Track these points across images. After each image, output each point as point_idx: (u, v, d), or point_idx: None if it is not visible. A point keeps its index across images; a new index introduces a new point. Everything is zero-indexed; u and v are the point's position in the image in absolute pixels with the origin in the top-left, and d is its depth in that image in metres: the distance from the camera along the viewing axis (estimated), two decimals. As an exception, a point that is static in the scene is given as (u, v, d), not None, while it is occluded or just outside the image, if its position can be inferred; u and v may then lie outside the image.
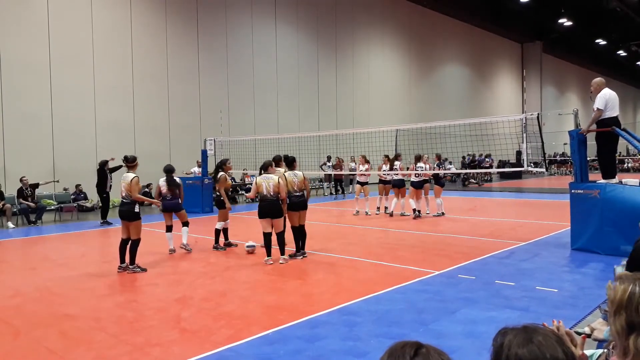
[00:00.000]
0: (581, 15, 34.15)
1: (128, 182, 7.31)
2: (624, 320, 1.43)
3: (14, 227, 12.50)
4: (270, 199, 7.61)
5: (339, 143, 19.15)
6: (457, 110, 31.71)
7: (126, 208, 7.28)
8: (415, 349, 1.10)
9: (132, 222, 7.29)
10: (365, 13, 27.20)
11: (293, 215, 7.96)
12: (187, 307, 5.47)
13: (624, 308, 1.44)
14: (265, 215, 7.64)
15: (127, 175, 7.45)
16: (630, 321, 1.42)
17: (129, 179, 7.33)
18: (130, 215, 7.26)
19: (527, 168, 9.99)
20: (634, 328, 1.41)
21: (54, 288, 6.41)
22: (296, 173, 8.01)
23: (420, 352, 1.10)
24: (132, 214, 7.26)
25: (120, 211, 7.40)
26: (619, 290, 1.47)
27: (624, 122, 8.48)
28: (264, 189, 7.60)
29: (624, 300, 1.44)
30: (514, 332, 1.19)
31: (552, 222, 11.37)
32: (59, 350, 4.32)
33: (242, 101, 21.24)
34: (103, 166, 13.02)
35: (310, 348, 4.20)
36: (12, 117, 15.02)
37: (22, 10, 15.19)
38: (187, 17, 19.44)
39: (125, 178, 7.39)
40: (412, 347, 1.10)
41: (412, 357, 1.09)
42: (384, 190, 13.80)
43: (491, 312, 5.02)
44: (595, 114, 7.84)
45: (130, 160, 7.68)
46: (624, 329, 1.43)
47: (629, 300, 1.44)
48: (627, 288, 1.46)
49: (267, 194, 7.60)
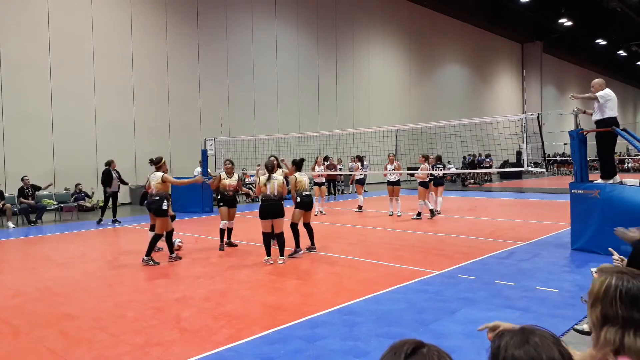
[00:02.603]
0: (581, 15, 34.16)
1: (157, 182, 7.89)
2: (599, 312, 1.47)
3: (14, 227, 12.51)
4: (273, 199, 7.64)
5: (339, 143, 19.16)
6: (457, 110, 31.71)
7: (155, 206, 7.84)
8: (413, 348, 1.10)
9: (158, 217, 7.81)
10: (365, 13, 27.20)
11: (306, 214, 8.35)
12: (187, 306, 5.47)
13: (600, 300, 1.48)
14: (267, 215, 7.66)
15: (155, 174, 8.00)
16: (605, 313, 1.45)
17: (157, 178, 7.90)
18: (158, 211, 7.79)
19: (527, 168, 9.99)
20: (608, 320, 1.44)
21: (54, 288, 6.41)
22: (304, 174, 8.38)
23: (418, 351, 1.10)
24: (160, 210, 7.77)
25: (150, 208, 8.00)
26: (596, 283, 1.51)
27: (624, 122, 8.50)
28: (267, 190, 7.62)
29: (600, 293, 1.48)
30: (511, 333, 1.20)
31: (552, 222, 11.37)
32: (59, 350, 4.32)
33: (242, 101, 21.24)
34: (108, 166, 13.04)
35: (310, 348, 4.20)
36: (12, 117, 15.02)
37: (22, 10, 15.19)
38: (187, 17, 19.44)
39: (154, 178, 7.96)
40: (411, 346, 1.10)
41: (408, 355, 1.09)
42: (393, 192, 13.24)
43: (491, 312, 5.02)
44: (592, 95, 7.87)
45: (156, 162, 8.12)
46: (599, 321, 1.47)
47: (605, 293, 1.47)
48: (604, 281, 1.49)
49: (270, 194, 7.62)
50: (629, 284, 1.45)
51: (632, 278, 1.46)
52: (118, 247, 9.76)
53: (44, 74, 15.68)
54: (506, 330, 1.23)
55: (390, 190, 13.30)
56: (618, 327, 1.43)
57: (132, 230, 11.67)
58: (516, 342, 1.17)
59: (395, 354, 1.10)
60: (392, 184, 13.21)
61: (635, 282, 1.45)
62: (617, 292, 1.45)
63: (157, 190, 7.85)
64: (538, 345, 1.15)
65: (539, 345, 1.15)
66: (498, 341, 1.20)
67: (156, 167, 8.12)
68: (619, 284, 1.46)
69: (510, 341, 1.17)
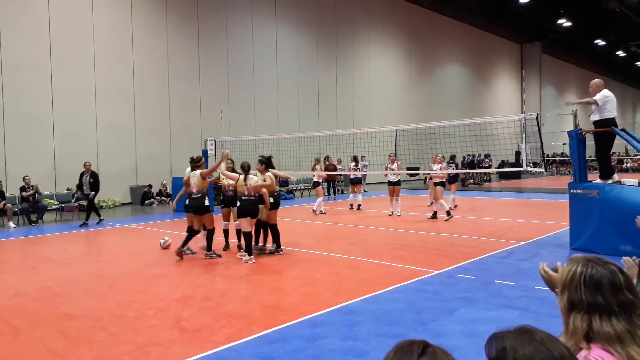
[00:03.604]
0: (580, 15, 34.18)
1: (197, 179, 8.03)
2: (566, 299, 1.50)
3: (14, 226, 12.52)
4: (252, 199, 7.77)
5: (339, 143, 19.17)
6: (457, 111, 31.74)
7: (197, 203, 8.01)
8: (423, 347, 1.10)
9: (203, 214, 8.01)
10: (365, 13, 27.22)
11: (275, 214, 8.27)
12: (187, 306, 5.48)
13: (566, 287, 1.51)
14: (246, 214, 7.77)
15: (194, 172, 8.14)
16: (571, 300, 1.48)
17: (197, 176, 8.04)
18: (201, 209, 7.98)
19: (526, 168, 10.01)
20: (574, 306, 1.47)
21: (54, 288, 6.42)
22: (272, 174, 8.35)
23: (427, 350, 1.10)
24: (203, 207, 7.98)
25: (192, 205, 8.12)
26: (564, 271, 1.55)
27: (623, 123, 8.52)
28: (245, 189, 7.73)
29: (567, 280, 1.51)
30: (511, 334, 1.18)
31: (552, 222, 11.39)
32: (59, 350, 4.33)
33: (242, 101, 21.25)
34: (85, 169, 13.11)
35: (310, 347, 4.21)
36: (12, 118, 15.02)
37: (22, 10, 15.20)
38: (188, 17, 19.45)
39: (194, 176, 8.09)
40: (420, 345, 1.11)
41: (420, 355, 1.08)
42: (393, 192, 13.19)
43: (491, 312, 5.04)
44: (591, 100, 7.88)
45: (197, 160, 8.30)
46: (566, 308, 1.50)
47: (570, 280, 1.50)
48: (571, 268, 1.52)
49: (248, 193, 7.75)
50: (592, 270, 1.48)
51: (597, 265, 1.49)
52: (118, 247, 9.76)
53: (44, 74, 15.68)
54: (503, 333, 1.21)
55: (391, 190, 13.28)
56: (584, 313, 1.45)
57: (132, 230, 11.68)
58: (522, 341, 1.15)
59: (405, 354, 1.10)
60: (392, 184, 13.18)
61: (599, 269, 1.48)
62: (581, 278, 1.48)
63: (198, 188, 8.03)
64: (545, 341, 1.15)
65: (545, 341, 1.15)
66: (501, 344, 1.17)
67: (195, 166, 8.27)
68: (584, 271, 1.49)
69: (515, 342, 1.15)
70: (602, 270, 1.47)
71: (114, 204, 17.18)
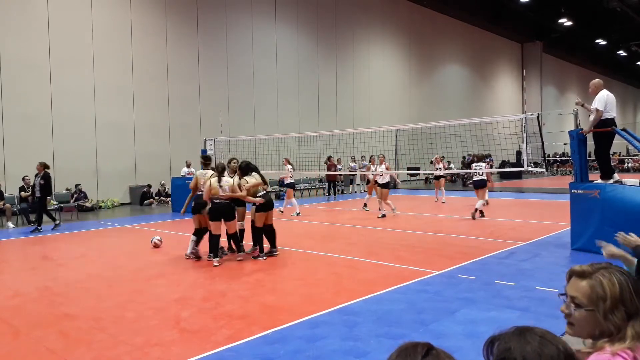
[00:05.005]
0: (581, 15, 34.15)
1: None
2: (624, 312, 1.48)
3: (14, 227, 12.51)
4: (223, 201, 7.62)
5: (339, 143, 19.16)
6: (457, 110, 31.72)
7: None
8: (427, 349, 1.10)
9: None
10: (365, 13, 27.20)
11: (268, 216, 8.06)
12: (187, 307, 5.46)
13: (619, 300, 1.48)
14: (218, 217, 7.63)
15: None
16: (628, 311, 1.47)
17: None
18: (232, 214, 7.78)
19: (527, 168, 9.99)
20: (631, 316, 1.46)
21: (54, 288, 6.40)
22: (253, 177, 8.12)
23: (431, 353, 1.10)
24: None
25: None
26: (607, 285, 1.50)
27: (623, 122, 8.50)
28: (219, 191, 7.61)
29: (618, 293, 1.48)
30: (511, 334, 1.18)
31: (552, 222, 11.37)
32: (59, 350, 4.31)
33: (242, 101, 21.24)
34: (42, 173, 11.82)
35: (310, 348, 4.20)
36: (12, 118, 15.02)
37: (22, 10, 15.19)
38: (187, 17, 19.44)
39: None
40: (424, 348, 1.10)
41: (423, 357, 1.08)
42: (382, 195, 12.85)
43: (491, 312, 5.02)
44: (596, 114, 7.84)
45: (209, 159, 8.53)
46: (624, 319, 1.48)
47: (621, 292, 1.48)
48: (615, 281, 1.49)
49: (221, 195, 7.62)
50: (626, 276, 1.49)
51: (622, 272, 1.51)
52: (118, 247, 9.75)
53: (44, 74, 15.68)
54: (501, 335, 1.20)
55: (379, 193, 12.84)
56: (637, 318, 1.46)
57: (132, 231, 11.66)
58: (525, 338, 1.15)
59: (408, 355, 1.09)
60: (381, 186, 12.78)
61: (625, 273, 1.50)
62: (629, 286, 1.48)
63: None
64: (546, 335, 1.15)
65: (546, 335, 1.15)
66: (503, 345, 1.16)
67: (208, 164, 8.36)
68: (623, 279, 1.48)
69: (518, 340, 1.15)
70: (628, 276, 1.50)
71: (113, 204, 17.17)
